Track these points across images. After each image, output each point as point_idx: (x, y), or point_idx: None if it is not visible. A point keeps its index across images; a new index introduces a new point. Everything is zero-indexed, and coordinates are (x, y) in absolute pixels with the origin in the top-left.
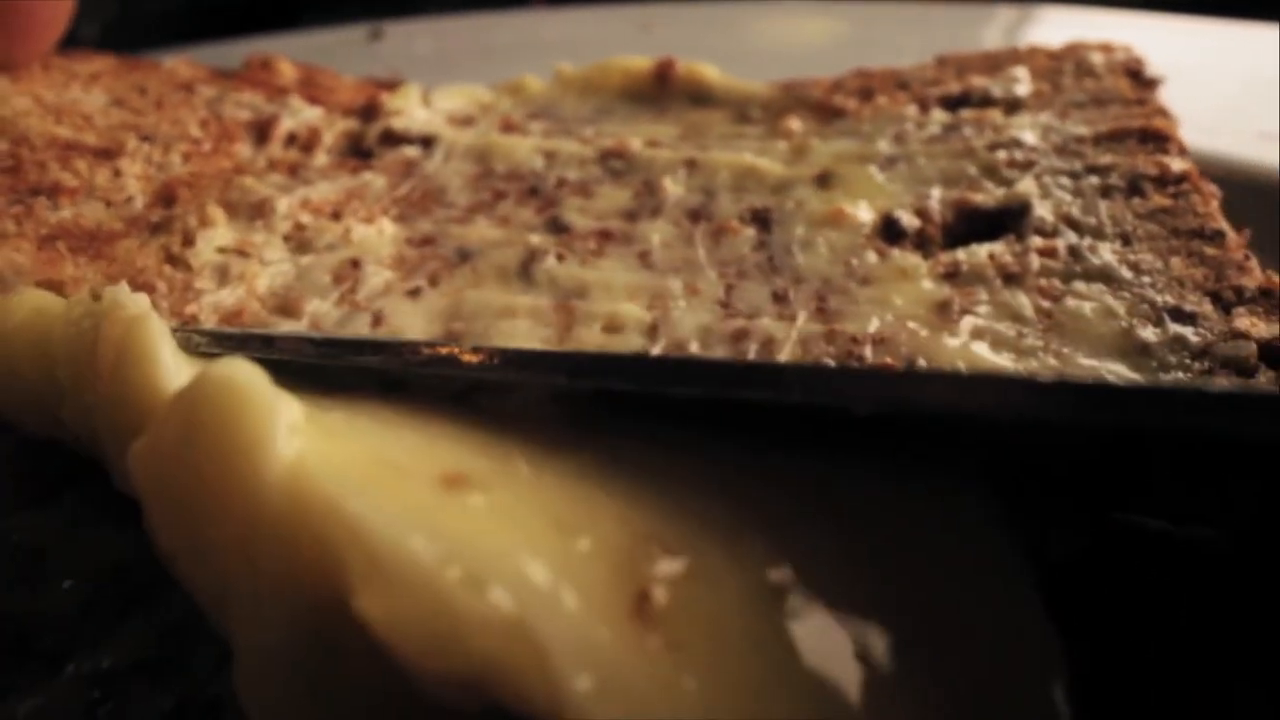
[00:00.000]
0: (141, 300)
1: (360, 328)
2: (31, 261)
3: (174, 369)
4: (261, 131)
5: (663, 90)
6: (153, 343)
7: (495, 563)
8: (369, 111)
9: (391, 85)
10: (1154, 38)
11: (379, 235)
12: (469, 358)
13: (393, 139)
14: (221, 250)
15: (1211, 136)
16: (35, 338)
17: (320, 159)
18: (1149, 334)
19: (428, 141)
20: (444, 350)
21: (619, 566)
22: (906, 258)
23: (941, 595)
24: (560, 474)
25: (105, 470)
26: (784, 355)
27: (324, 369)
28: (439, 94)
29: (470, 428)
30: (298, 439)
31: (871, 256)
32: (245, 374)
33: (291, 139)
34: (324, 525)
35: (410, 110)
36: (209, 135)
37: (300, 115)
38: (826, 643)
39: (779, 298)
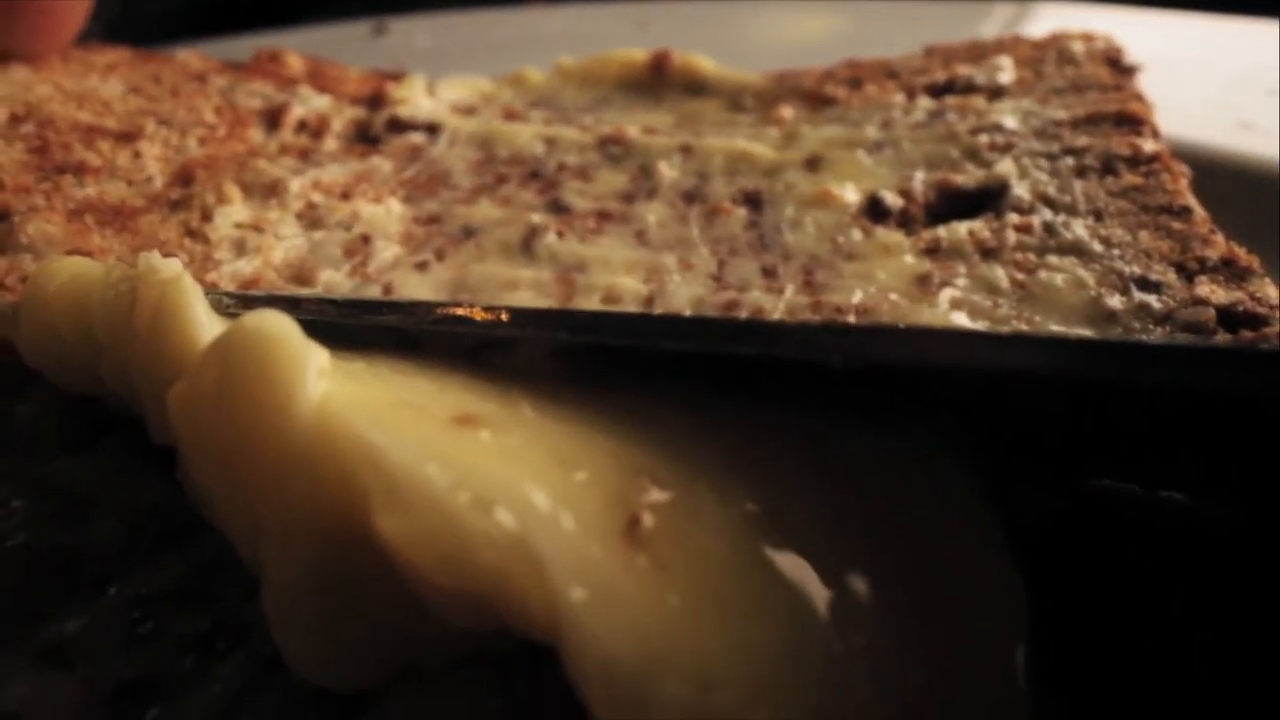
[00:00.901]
0: (174, 264)
1: (371, 298)
2: (62, 233)
3: (207, 324)
4: (273, 118)
5: (659, 81)
6: (187, 301)
7: (500, 488)
8: (375, 100)
9: (396, 77)
10: (1141, 32)
11: (387, 214)
12: (478, 315)
13: (399, 126)
14: (238, 226)
15: (1194, 127)
16: (75, 299)
17: (329, 144)
18: (1115, 302)
19: (432, 129)
20: (455, 310)
21: (613, 494)
22: (890, 235)
23: (915, 544)
24: (561, 418)
25: (141, 423)
26: None
27: (344, 328)
28: (443, 85)
29: (479, 378)
30: (324, 382)
31: (857, 234)
32: (277, 323)
33: (302, 125)
34: (348, 455)
35: (415, 100)
36: (223, 121)
37: (310, 103)
38: (802, 575)
39: (768, 272)
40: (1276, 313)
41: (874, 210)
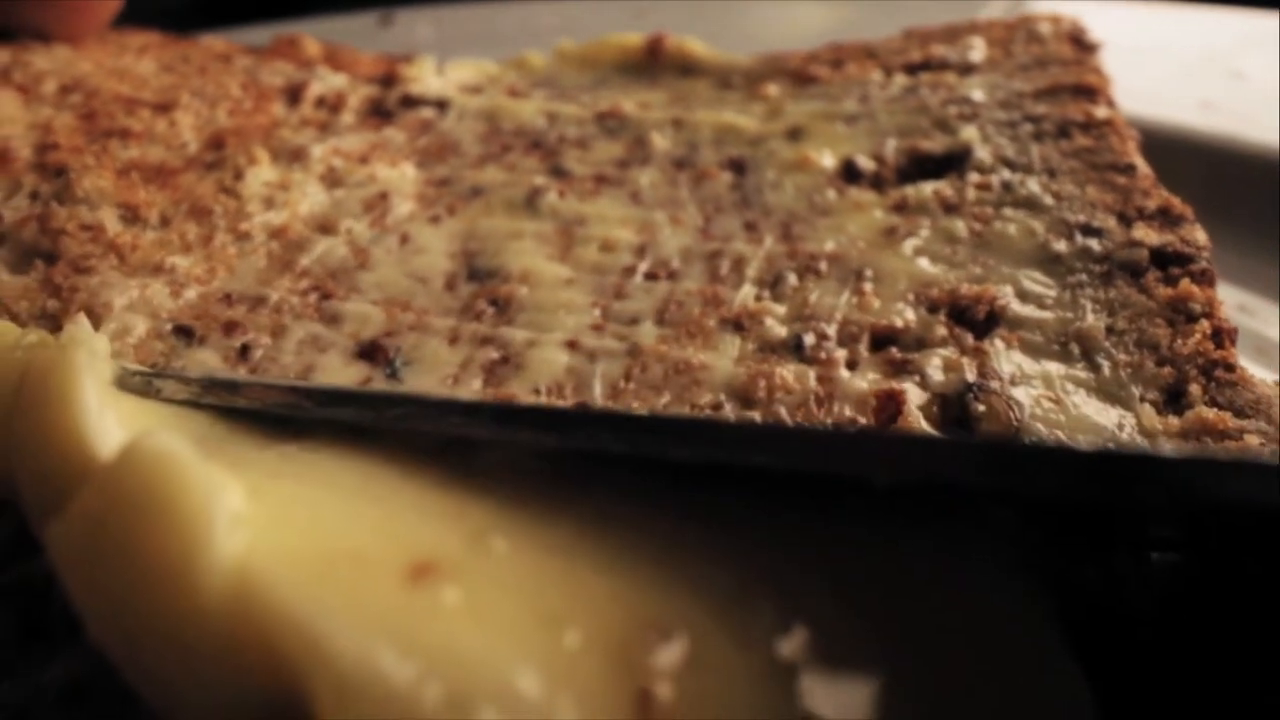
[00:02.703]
0: (90, 339)
1: (390, 245)
2: (113, 187)
3: (96, 420)
4: (294, 94)
5: (654, 63)
6: (76, 383)
7: (479, 676)
8: (388, 79)
9: (407, 59)
10: (1115, 18)
11: (402, 177)
12: (450, 415)
13: (410, 102)
14: (266, 184)
15: (1159, 106)
16: None
17: (346, 118)
18: (1061, 246)
19: (442, 104)
20: (423, 400)
21: (616, 661)
22: (862, 194)
23: (962, 652)
24: (542, 548)
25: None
26: (752, 270)
27: (288, 420)
28: (451, 67)
29: (441, 490)
30: (241, 531)
31: (831, 194)
32: (176, 452)
33: (320, 101)
34: (282, 640)
35: (425, 79)
36: (248, 96)
37: (327, 81)
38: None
39: (750, 226)
40: (1204, 252)
41: (848, 173)
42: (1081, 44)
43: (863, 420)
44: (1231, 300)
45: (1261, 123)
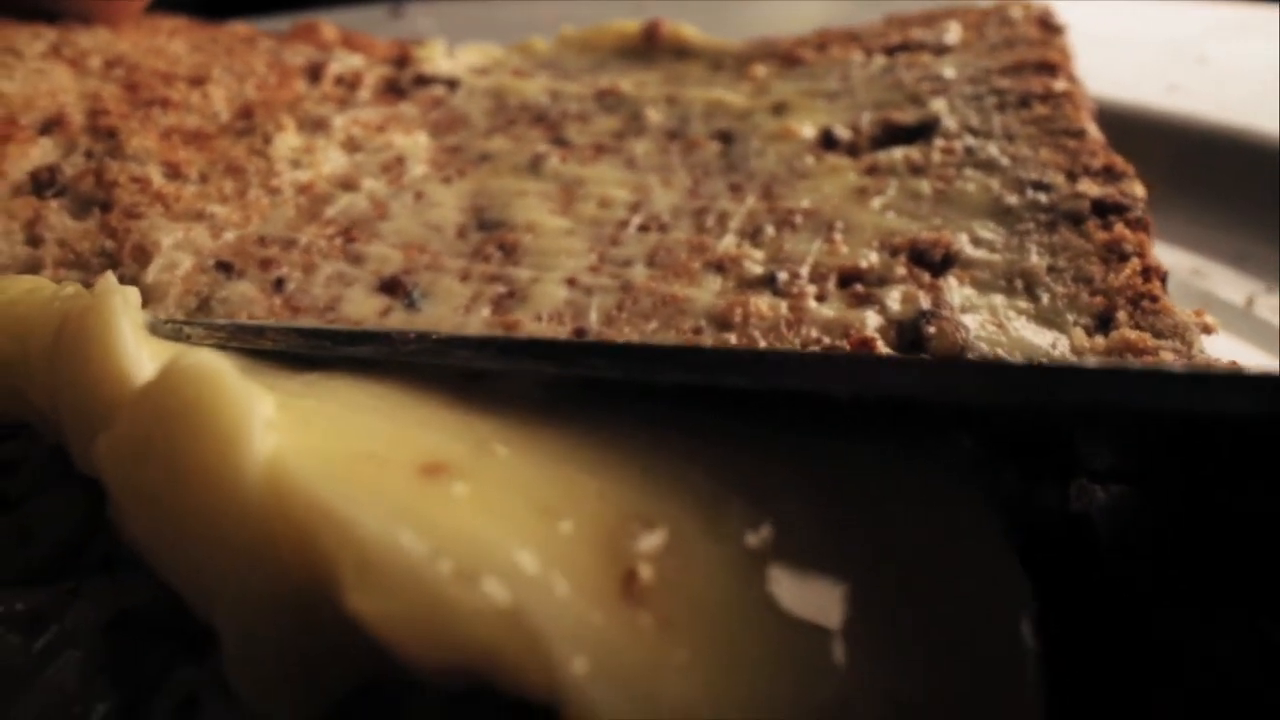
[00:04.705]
0: (123, 290)
1: (406, 201)
2: (157, 147)
3: (134, 352)
4: (314, 72)
5: (650, 47)
6: (111, 323)
7: (485, 554)
8: (402, 60)
9: (419, 43)
10: (1087, 11)
11: (415, 144)
12: (459, 349)
13: (423, 81)
14: (293, 149)
15: (1130, 89)
16: (18, 316)
17: (364, 94)
18: (1013, 199)
19: (452, 83)
20: (435, 337)
21: (604, 547)
22: (838, 160)
23: (918, 551)
24: (539, 454)
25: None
26: (734, 223)
27: (309, 358)
28: (460, 51)
29: (449, 409)
30: (273, 434)
31: (810, 160)
32: (214, 367)
33: (339, 79)
34: (310, 525)
35: (436, 60)
36: (273, 73)
37: (345, 61)
38: (810, 606)
39: (734, 188)
40: (1139, 203)
41: (826, 141)
42: (1048, 26)
43: (828, 343)
44: (1186, 265)
45: (1223, 103)
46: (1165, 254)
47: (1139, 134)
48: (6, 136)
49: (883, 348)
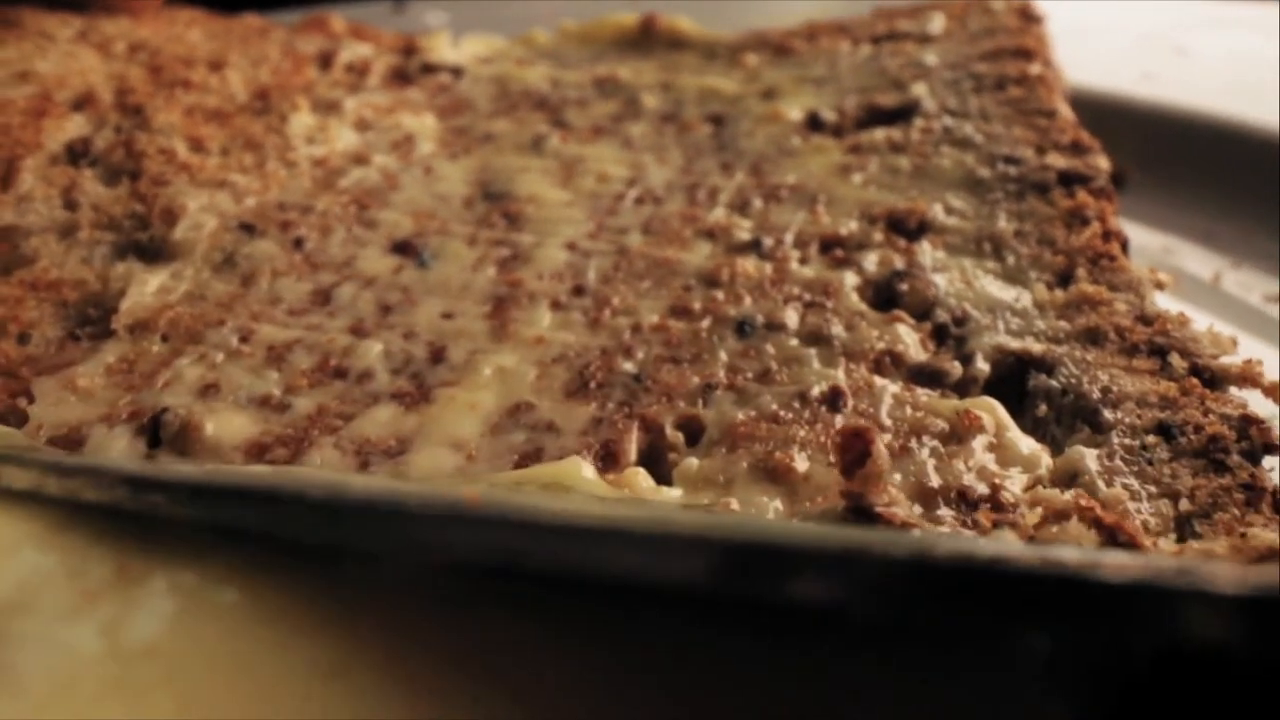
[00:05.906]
0: None
1: (415, 175)
2: (181, 123)
3: None
4: (325, 60)
5: (647, 39)
6: None
7: None
8: (409, 50)
9: (425, 35)
10: (1069, 4)
11: (423, 125)
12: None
13: (429, 69)
14: (307, 128)
15: (1106, 77)
16: None
17: (372, 81)
18: (985, 172)
19: (457, 71)
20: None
21: None
22: (824, 140)
23: None
24: None
25: None
26: (724, 197)
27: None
28: (464, 42)
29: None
30: None
31: (797, 140)
32: None
33: (349, 67)
34: None
35: (442, 50)
36: (287, 60)
37: (355, 50)
38: None
39: (725, 166)
40: (1102, 174)
41: (812, 123)
42: (1028, 16)
43: (808, 299)
44: (1157, 243)
45: (1194, 90)
46: (1136, 233)
47: (1112, 119)
48: (43, 111)
49: (860, 305)
